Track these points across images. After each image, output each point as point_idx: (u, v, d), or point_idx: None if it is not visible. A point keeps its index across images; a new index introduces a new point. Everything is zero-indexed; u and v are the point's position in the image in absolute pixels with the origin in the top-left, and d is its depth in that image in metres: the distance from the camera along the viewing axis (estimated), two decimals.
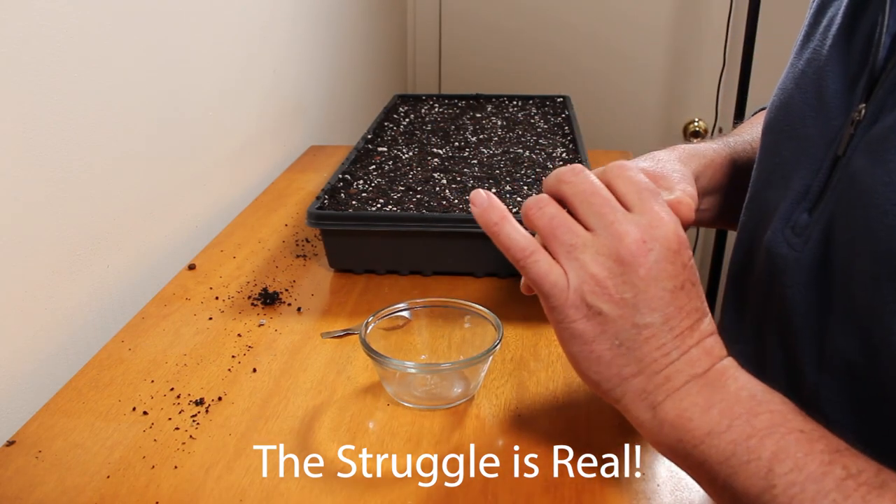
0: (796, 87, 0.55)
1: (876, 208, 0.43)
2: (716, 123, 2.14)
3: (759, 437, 0.37)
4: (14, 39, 0.61)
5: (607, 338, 0.42)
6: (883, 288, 0.42)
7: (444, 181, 0.86)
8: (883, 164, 0.43)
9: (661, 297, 0.42)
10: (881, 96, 0.45)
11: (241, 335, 0.69)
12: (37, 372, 0.66)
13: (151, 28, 0.82)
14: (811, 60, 0.53)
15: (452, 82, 2.24)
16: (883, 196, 0.42)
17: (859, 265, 0.44)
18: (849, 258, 0.45)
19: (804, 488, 0.35)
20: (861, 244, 0.44)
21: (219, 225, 0.95)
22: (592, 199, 0.44)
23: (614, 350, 0.42)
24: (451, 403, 0.58)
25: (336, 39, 1.54)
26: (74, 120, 0.69)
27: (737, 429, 0.38)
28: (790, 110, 0.55)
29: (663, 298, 0.42)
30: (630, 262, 0.41)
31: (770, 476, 0.36)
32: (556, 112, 1.16)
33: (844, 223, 0.46)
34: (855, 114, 0.47)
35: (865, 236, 0.44)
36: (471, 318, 0.62)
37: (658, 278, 0.42)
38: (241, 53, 1.07)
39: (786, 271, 0.50)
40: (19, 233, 0.63)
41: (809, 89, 0.53)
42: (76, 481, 0.51)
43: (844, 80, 0.49)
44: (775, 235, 0.51)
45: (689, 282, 0.43)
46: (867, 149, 0.45)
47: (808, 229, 0.48)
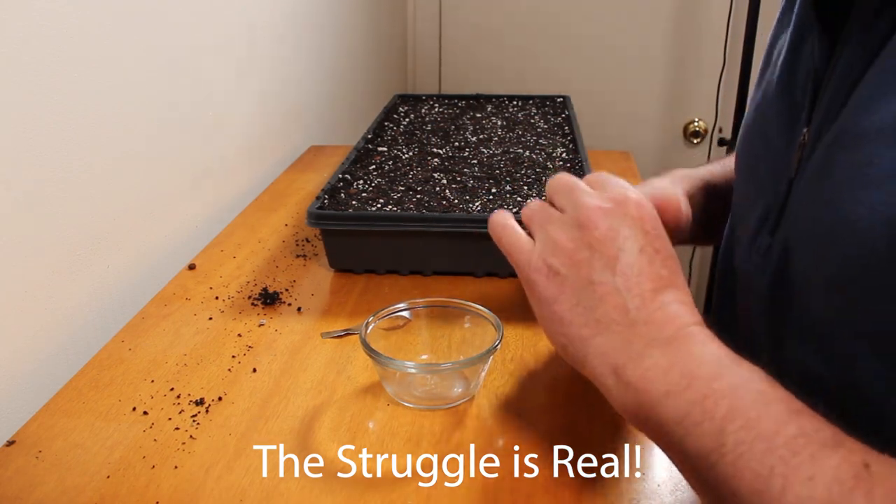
0: (755, 116, 0.60)
1: (820, 223, 0.46)
2: (716, 123, 2.14)
3: (714, 397, 0.37)
4: (14, 40, 0.61)
5: (566, 297, 0.45)
6: (833, 298, 0.44)
7: (444, 181, 0.86)
8: (821, 182, 0.46)
9: (615, 256, 0.44)
10: (821, 118, 0.49)
11: (242, 335, 0.69)
12: (37, 372, 0.66)
13: (151, 28, 0.82)
14: (765, 92, 0.58)
15: (452, 82, 2.24)
16: (825, 210, 0.45)
17: (812, 278, 0.47)
18: (803, 272, 0.48)
19: (752, 447, 0.34)
20: (812, 258, 0.47)
21: (219, 225, 0.95)
22: (564, 188, 0.48)
23: (574, 310, 0.44)
24: (451, 403, 0.58)
25: (336, 39, 1.54)
26: (74, 120, 0.69)
27: (694, 389, 0.38)
28: (752, 140, 0.60)
29: (619, 259, 0.43)
30: (586, 225, 0.45)
31: (721, 435, 0.36)
32: (556, 112, 1.16)
33: (797, 241, 0.49)
34: (801, 138, 0.51)
35: (814, 251, 0.47)
36: (471, 318, 0.62)
37: (615, 239, 0.44)
38: (241, 53, 1.07)
39: (751, 289, 0.54)
40: (19, 233, 0.63)
41: (764, 119, 0.58)
42: (76, 481, 0.51)
43: (791, 108, 0.54)
44: (743, 257, 0.56)
45: (652, 248, 0.44)
46: (812, 168, 0.48)
47: (770, 250, 0.52)
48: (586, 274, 0.44)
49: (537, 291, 0.46)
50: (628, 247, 0.44)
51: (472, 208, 0.78)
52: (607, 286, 0.43)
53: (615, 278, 0.43)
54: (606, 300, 0.43)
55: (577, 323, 0.44)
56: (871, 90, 0.45)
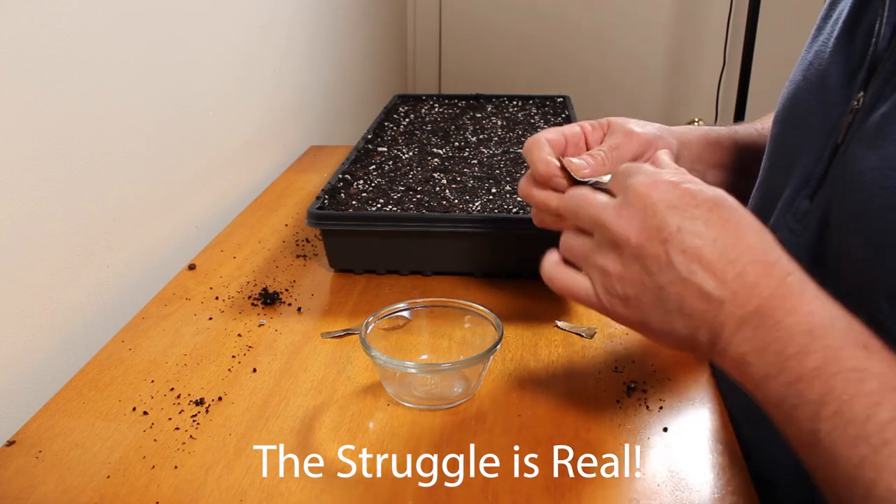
0: (803, 79, 0.57)
1: (865, 192, 0.44)
2: (716, 123, 2.14)
3: (807, 379, 0.36)
4: (14, 41, 0.61)
5: (652, 312, 0.44)
6: (872, 269, 0.43)
7: (444, 181, 0.86)
8: (875, 150, 0.45)
9: (664, 251, 0.42)
10: (878, 85, 0.47)
11: (242, 335, 0.69)
12: (37, 372, 0.66)
13: (152, 28, 0.82)
14: (818, 53, 0.56)
15: (452, 82, 2.24)
16: (872, 181, 0.44)
17: (850, 247, 0.46)
18: (841, 241, 0.47)
19: (844, 433, 0.34)
20: (852, 227, 0.46)
21: (219, 225, 0.95)
22: (573, 208, 0.48)
23: (665, 319, 0.43)
24: (451, 403, 0.58)
25: (336, 39, 1.54)
26: (74, 120, 0.69)
27: (788, 371, 0.37)
28: (796, 101, 0.57)
29: (669, 251, 0.42)
30: (621, 242, 0.44)
31: (815, 420, 0.35)
32: (556, 112, 1.16)
33: (839, 208, 0.48)
34: (854, 102, 0.49)
35: (856, 220, 0.45)
36: (471, 318, 0.62)
37: (653, 238, 0.43)
38: (241, 53, 1.07)
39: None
40: (19, 233, 0.63)
41: (814, 81, 0.55)
42: (76, 481, 0.51)
43: (846, 70, 0.51)
44: (778, 222, 0.54)
45: (687, 219, 0.42)
46: (863, 136, 0.46)
47: (809, 215, 0.50)
48: (651, 283, 0.43)
49: (628, 322, 0.46)
50: (666, 235, 0.42)
51: (472, 208, 0.78)
52: (676, 283, 0.42)
53: (676, 271, 0.42)
54: (684, 295, 0.42)
55: (677, 327, 0.43)
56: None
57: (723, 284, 0.41)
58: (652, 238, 0.43)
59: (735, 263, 0.41)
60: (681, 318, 0.43)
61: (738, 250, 0.41)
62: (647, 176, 0.45)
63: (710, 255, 0.41)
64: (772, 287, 0.40)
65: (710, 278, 0.41)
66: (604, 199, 0.47)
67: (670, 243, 0.42)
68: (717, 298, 0.41)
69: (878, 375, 0.35)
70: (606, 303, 0.46)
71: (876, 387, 0.34)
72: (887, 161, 0.44)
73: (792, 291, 0.40)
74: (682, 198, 0.43)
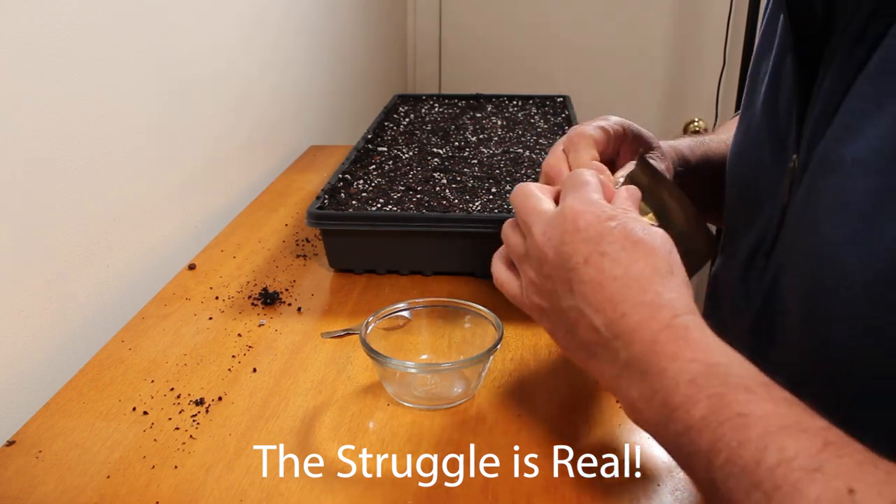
0: (745, 140, 0.60)
1: (802, 250, 0.47)
2: (716, 123, 2.14)
3: (696, 429, 0.36)
4: (14, 41, 0.61)
5: (557, 328, 0.45)
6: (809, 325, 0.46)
7: (444, 181, 0.86)
8: (810, 206, 0.47)
9: (569, 277, 0.43)
10: (805, 146, 0.50)
11: (242, 335, 0.69)
12: (37, 372, 0.66)
13: (152, 28, 0.82)
14: (753, 115, 0.60)
15: (452, 82, 2.24)
16: (808, 236, 0.46)
17: (793, 304, 0.48)
18: (786, 298, 0.50)
19: (739, 482, 0.34)
20: (794, 284, 0.48)
21: (219, 225, 0.95)
22: (517, 206, 0.48)
23: (566, 338, 0.45)
24: (451, 403, 0.58)
25: (336, 39, 1.54)
26: (74, 120, 0.69)
27: (677, 421, 0.37)
28: (744, 161, 0.61)
29: (572, 279, 0.43)
30: (540, 258, 0.45)
31: (710, 469, 0.35)
32: (556, 112, 1.16)
33: (786, 267, 0.51)
34: (790, 164, 0.52)
35: (797, 277, 0.48)
36: (471, 318, 0.62)
37: (563, 263, 0.44)
38: (240, 53, 1.07)
39: (742, 311, 0.56)
40: (19, 233, 0.63)
41: (755, 144, 0.59)
42: (76, 481, 0.51)
43: (777, 136, 0.55)
44: (738, 278, 0.57)
45: (597, 252, 0.42)
46: (802, 195, 0.49)
47: (766, 273, 0.53)
48: (556, 303, 0.44)
49: (546, 329, 0.47)
50: (573, 264, 0.43)
51: (472, 208, 0.78)
52: (574, 311, 0.43)
53: (575, 299, 0.43)
54: (579, 324, 0.43)
55: (573, 349, 0.45)
56: (849, 118, 0.45)
57: (610, 323, 0.41)
58: (563, 263, 0.44)
59: (623, 304, 0.41)
60: (576, 343, 0.44)
61: (629, 292, 0.41)
62: (582, 201, 0.45)
63: (606, 292, 0.42)
64: (654, 331, 0.40)
65: (600, 315, 0.42)
66: (541, 208, 0.47)
67: (574, 272, 0.43)
68: (605, 336, 0.42)
69: (761, 419, 0.35)
70: (529, 307, 0.48)
71: (761, 431, 0.34)
72: (816, 216, 0.46)
73: (675, 335, 0.39)
74: (600, 232, 0.43)
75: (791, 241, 0.51)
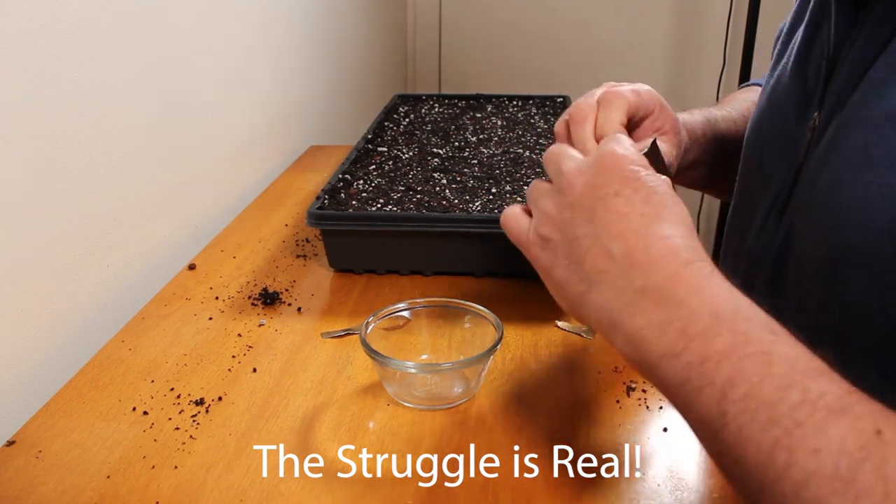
0: (767, 104, 0.61)
1: (819, 205, 0.48)
2: None
3: (714, 361, 0.35)
4: (14, 41, 0.61)
5: (559, 260, 0.44)
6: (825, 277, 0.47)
7: (444, 181, 0.86)
8: (830, 164, 0.48)
9: (593, 206, 0.43)
10: (831, 103, 0.50)
11: (242, 335, 0.69)
12: (37, 372, 0.66)
13: (152, 28, 0.82)
14: (780, 77, 0.60)
15: (452, 82, 2.24)
16: (826, 192, 0.47)
17: (808, 257, 0.49)
18: (801, 252, 0.50)
19: (755, 416, 0.33)
20: (810, 238, 0.49)
21: (219, 225, 0.95)
22: (552, 157, 0.48)
23: (568, 269, 0.44)
24: (451, 403, 0.58)
25: (336, 39, 1.54)
26: (74, 120, 0.69)
27: (692, 351, 0.36)
28: (762, 125, 0.61)
29: (597, 207, 0.43)
30: (567, 189, 0.45)
31: (723, 403, 0.34)
32: (556, 112, 1.16)
33: (799, 223, 0.51)
34: (811, 122, 0.52)
35: (813, 232, 0.48)
36: (471, 318, 0.62)
37: (591, 192, 0.43)
38: (241, 53, 1.07)
39: (759, 268, 0.56)
40: (19, 233, 0.63)
41: (777, 105, 0.59)
42: (76, 481, 0.51)
43: (803, 94, 0.55)
44: (752, 238, 0.58)
45: (630, 188, 0.42)
46: (820, 153, 0.50)
47: (778, 230, 0.54)
48: (570, 232, 0.44)
49: (538, 264, 0.46)
50: (603, 193, 0.43)
51: (472, 208, 0.78)
52: (589, 237, 0.42)
53: (594, 227, 0.42)
54: (591, 251, 0.42)
55: (573, 281, 0.43)
56: (883, 73, 0.46)
57: (629, 252, 0.41)
58: (591, 193, 0.44)
59: (647, 237, 0.41)
60: (580, 273, 0.43)
61: (654, 228, 0.41)
62: (623, 148, 0.45)
63: (631, 223, 0.41)
64: (677, 265, 0.39)
65: (619, 242, 0.41)
66: (576, 156, 0.47)
67: (602, 200, 0.43)
68: (620, 263, 0.41)
69: (786, 358, 0.34)
70: (532, 241, 0.47)
71: (785, 370, 0.33)
72: (837, 174, 0.46)
73: (699, 274, 0.39)
74: (636, 174, 0.44)
75: (806, 199, 0.50)
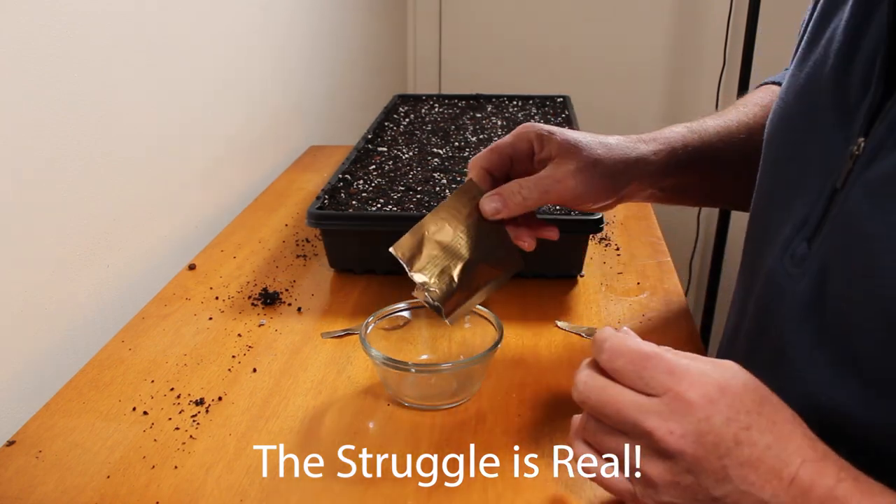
0: (796, 102, 0.53)
1: (877, 258, 0.41)
2: None
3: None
4: (14, 41, 0.61)
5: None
6: (881, 333, 0.41)
7: (444, 181, 0.86)
8: (882, 212, 0.42)
9: (722, 465, 0.40)
10: (881, 133, 0.43)
11: (242, 335, 0.69)
12: (37, 372, 0.66)
13: (152, 27, 0.82)
14: (812, 76, 0.52)
15: (452, 82, 2.24)
16: (884, 248, 0.41)
17: (860, 313, 0.43)
18: (846, 302, 0.44)
19: None
20: (861, 291, 0.43)
21: (219, 225, 0.95)
22: (607, 408, 0.43)
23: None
24: (451, 403, 0.58)
25: (336, 39, 1.54)
26: (74, 120, 0.69)
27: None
28: (790, 127, 0.54)
29: (725, 464, 0.40)
30: (674, 454, 0.40)
31: None
32: (556, 112, 1.16)
33: (841, 263, 0.45)
34: (854, 147, 0.45)
35: (866, 284, 0.42)
36: (471, 318, 0.62)
37: (706, 456, 0.40)
38: (241, 53, 1.07)
39: (783, 302, 0.49)
40: (19, 233, 0.63)
41: (809, 109, 0.51)
42: (76, 481, 0.51)
43: (844, 107, 0.47)
44: (776, 263, 0.50)
45: (743, 430, 0.40)
46: (866, 189, 0.43)
47: (807, 261, 0.47)
48: (705, 495, 0.40)
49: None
50: (723, 451, 0.40)
51: None
52: (732, 494, 0.40)
53: (733, 483, 0.40)
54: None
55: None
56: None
57: (781, 492, 0.39)
58: (709, 454, 0.40)
59: (788, 468, 0.39)
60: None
61: (788, 452, 0.40)
62: (674, 376, 0.42)
63: (766, 463, 0.40)
64: (828, 486, 0.39)
65: (768, 488, 0.39)
66: (639, 400, 0.42)
67: (728, 458, 0.40)
68: None
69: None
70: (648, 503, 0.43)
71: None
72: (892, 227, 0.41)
73: (854, 489, 0.38)
74: (731, 404, 0.41)
75: (847, 244, 0.45)
